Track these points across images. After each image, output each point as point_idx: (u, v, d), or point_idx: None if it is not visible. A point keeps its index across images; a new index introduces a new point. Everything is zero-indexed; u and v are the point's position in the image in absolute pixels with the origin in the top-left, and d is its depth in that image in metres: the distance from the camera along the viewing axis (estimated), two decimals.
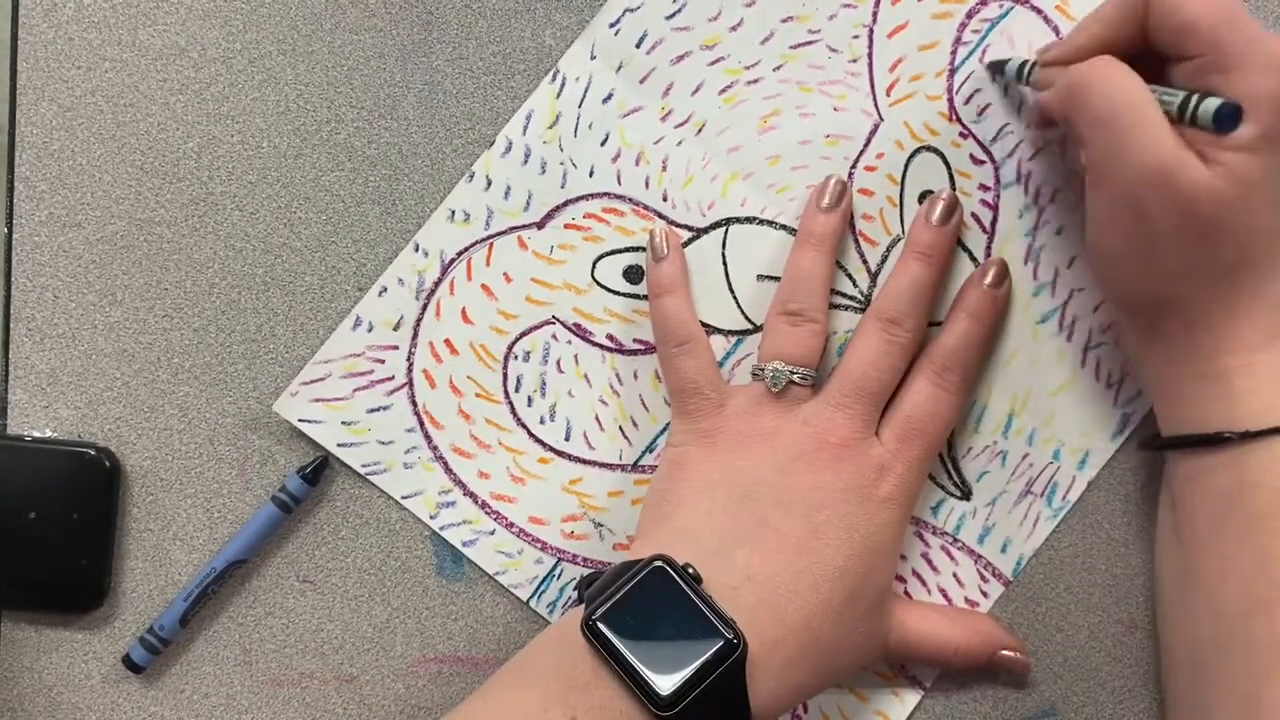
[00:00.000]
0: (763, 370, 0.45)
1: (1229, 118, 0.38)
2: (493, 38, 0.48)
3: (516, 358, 0.49)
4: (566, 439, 0.49)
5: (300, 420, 0.48)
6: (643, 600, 0.41)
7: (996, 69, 0.47)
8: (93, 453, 0.48)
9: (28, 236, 0.49)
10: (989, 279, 0.47)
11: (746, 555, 0.42)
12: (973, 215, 0.48)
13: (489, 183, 0.48)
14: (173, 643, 0.48)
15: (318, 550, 0.49)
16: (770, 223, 0.48)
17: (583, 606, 0.41)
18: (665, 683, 0.39)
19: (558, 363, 0.49)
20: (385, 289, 0.49)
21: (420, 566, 0.49)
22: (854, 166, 0.48)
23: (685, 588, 0.40)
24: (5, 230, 0.49)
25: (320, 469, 0.48)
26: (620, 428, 0.48)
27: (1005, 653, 0.47)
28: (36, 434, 0.49)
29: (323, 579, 0.49)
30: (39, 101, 0.49)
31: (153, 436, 0.49)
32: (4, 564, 0.48)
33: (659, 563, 0.41)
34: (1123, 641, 0.48)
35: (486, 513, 0.49)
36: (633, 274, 0.48)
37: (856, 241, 0.48)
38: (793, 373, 0.45)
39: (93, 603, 0.48)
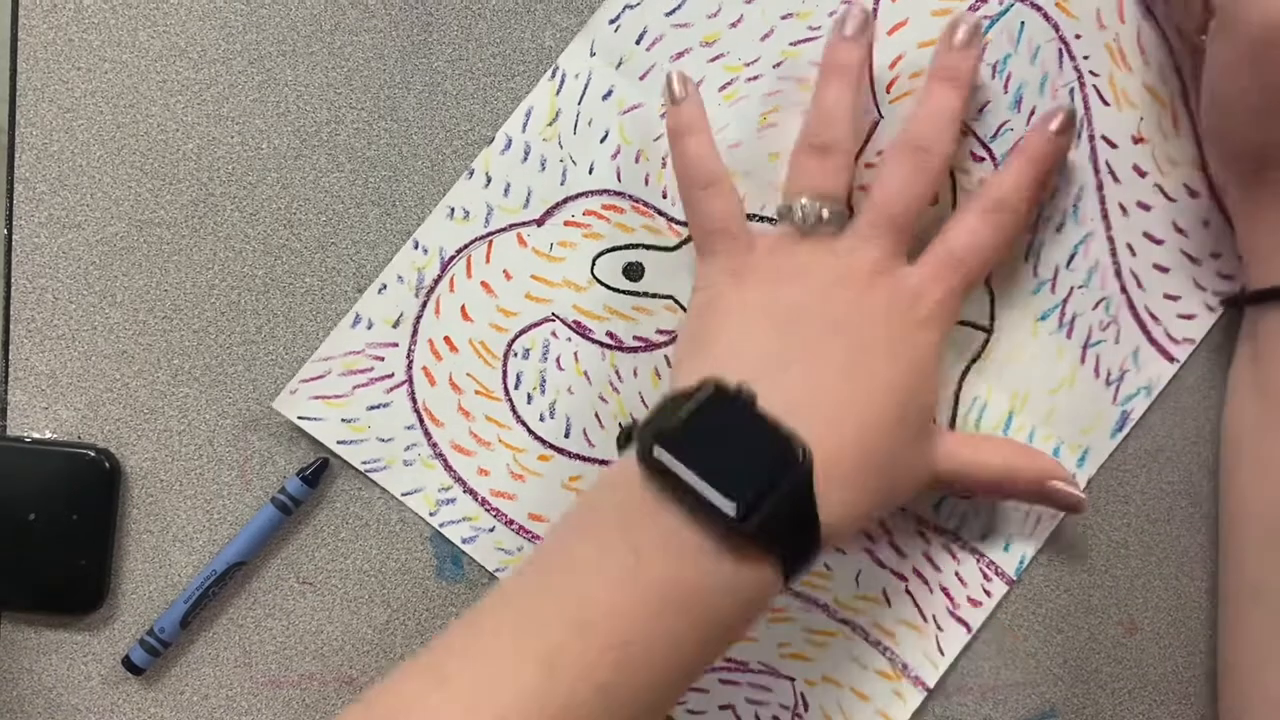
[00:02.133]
0: (789, 208, 0.44)
1: None
2: (492, 39, 0.48)
3: (516, 355, 0.49)
4: (566, 436, 0.49)
5: (300, 418, 0.48)
6: (699, 424, 0.38)
7: None
8: (93, 454, 0.48)
9: (28, 237, 0.49)
10: (1055, 125, 0.45)
11: (797, 374, 0.41)
12: None
13: (488, 180, 0.48)
14: (173, 644, 0.48)
15: (317, 552, 0.49)
16: (770, 220, 0.48)
17: (633, 448, 0.39)
18: (733, 499, 0.37)
19: (557, 360, 0.49)
20: (385, 286, 0.49)
21: (420, 568, 0.49)
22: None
23: (742, 406, 0.39)
24: (5, 231, 0.49)
25: (320, 471, 0.48)
26: (620, 425, 0.48)
27: (1057, 484, 0.45)
28: (36, 435, 0.49)
29: (322, 580, 0.49)
30: (39, 102, 0.49)
31: (153, 437, 0.49)
32: (4, 564, 0.48)
33: (712, 386, 0.39)
34: (1123, 642, 0.48)
35: (486, 510, 0.49)
36: (632, 271, 0.48)
37: None
38: (822, 207, 0.44)
39: (93, 604, 0.48)
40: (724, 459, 0.38)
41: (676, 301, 0.48)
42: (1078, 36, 0.47)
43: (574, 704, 0.35)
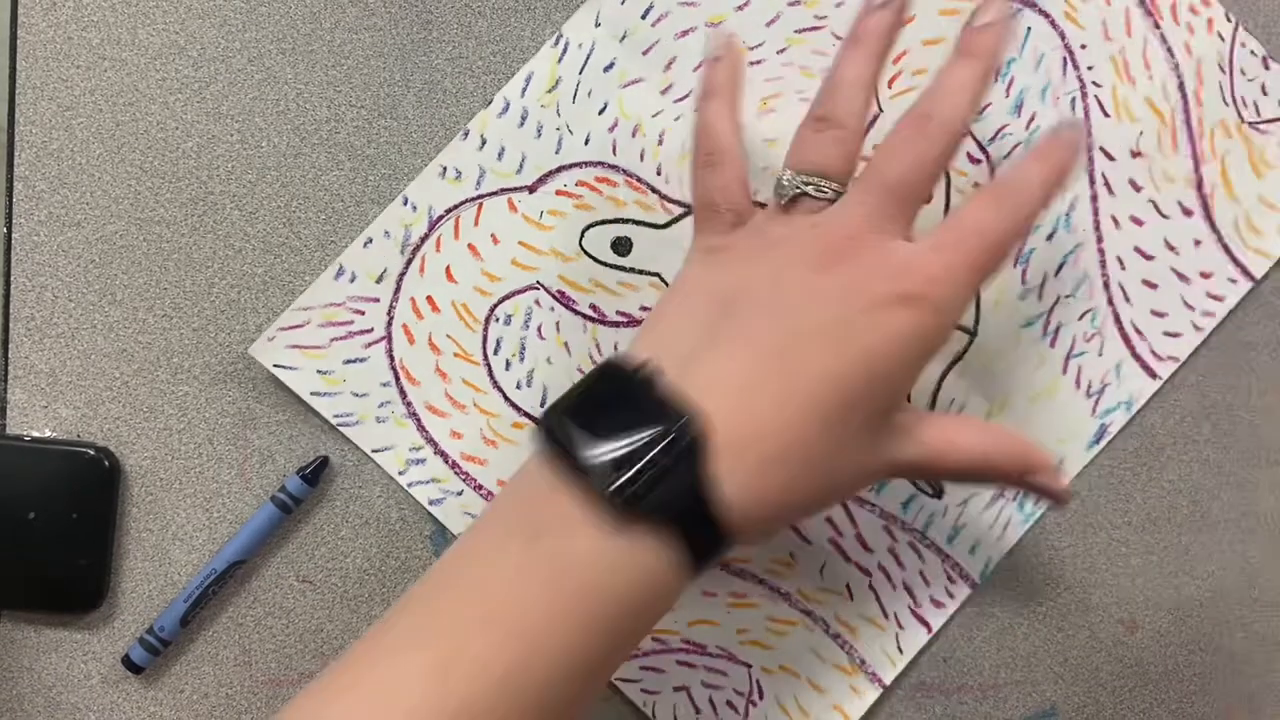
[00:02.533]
0: (777, 180, 0.41)
1: None
2: (492, 37, 0.48)
3: (498, 320, 0.48)
4: (542, 405, 0.48)
5: (275, 366, 0.48)
6: (594, 400, 0.38)
7: None
8: (92, 452, 0.48)
9: (27, 236, 0.49)
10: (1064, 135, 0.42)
11: (716, 358, 0.38)
12: None
13: (483, 142, 0.48)
14: (172, 643, 0.48)
15: (317, 550, 0.49)
16: (762, 205, 0.48)
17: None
18: (618, 473, 0.36)
19: (539, 329, 0.48)
20: (370, 240, 0.48)
21: (419, 567, 0.49)
22: None
23: (632, 382, 0.38)
24: (4, 230, 0.49)
25: (320, 469, 0.48)
26: None
27: (1037, 477, 0.41)
28: (36, 434, 0.49)
29: (322, 579, 0.49)
30: (38, 101, 0.48)
31: (152, 436, 0.49)
32: (4, 564, 0.48)
33: (606, 363, 0.39)
34: (1123, 641, 0.48)
35: (456, 473, 0.48)
36: (621, 245, 0.48)
37: None
38: (805, 182, 0.40)
39: (92, 603, 0.48)
40: (610, 434, 0.36)
41: (662, 279, 0.48)
42: (1083, 46, 0.47)
43: (474, 703, 0.35)
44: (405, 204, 0.48)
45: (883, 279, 0.38)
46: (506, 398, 0.48)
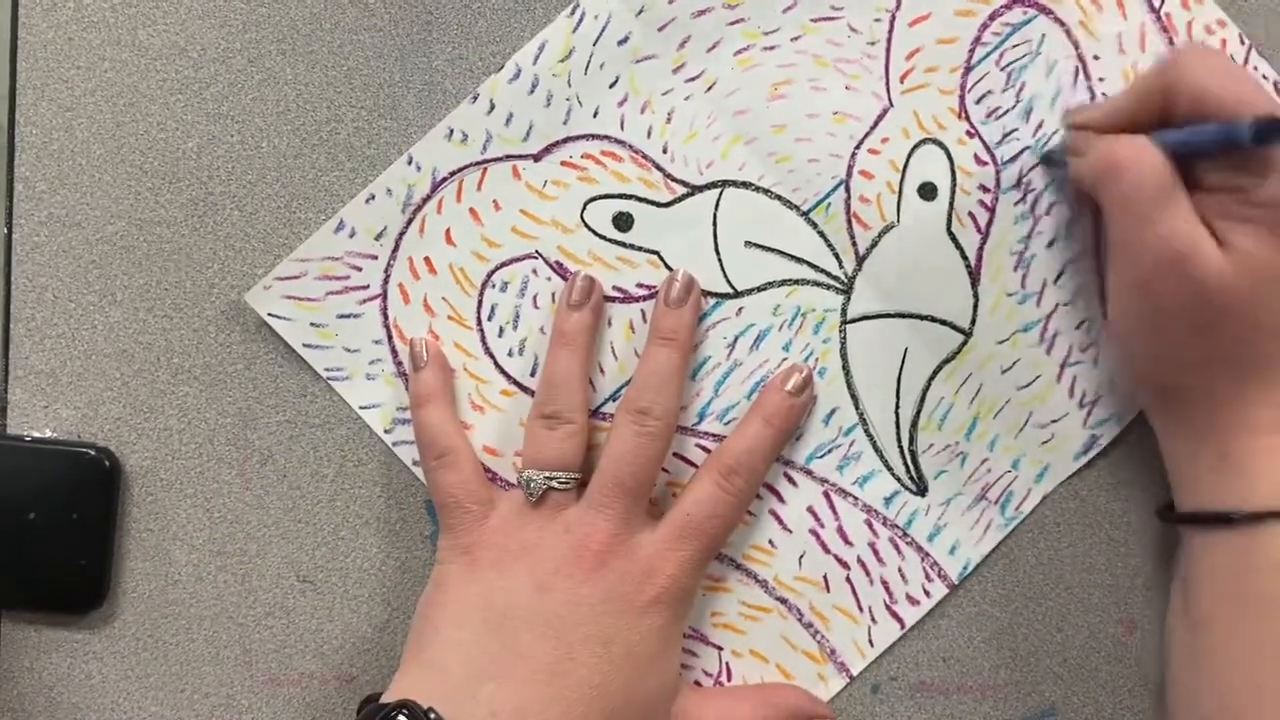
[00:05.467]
0: (520, 478, 0.45)
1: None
2: (492, 37, 0.48)
3: (494, 286, 0.48)
4: (532, 375, 0.48)
5: (269, 315, 0.48)
6: None
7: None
8: (92, 453, 0.48)
9: (28, 236, 0.49)
10: (790, 385, 0.47)
11: (493, 690, 0.41)
12: (969, 215, 0.48)
13: (492, 106, 0.48)
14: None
15: (317, 550, 0.49)
16: (765, 190, 0.48)
17: None
18: None
19: (534, 298, 0.48)
20: (373, 197, 0.48)
21: (420, 566, 0.49)
22: (858, 147, 0.48)
23: None
24: (5, 230, 0.49)
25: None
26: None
27: None
28: (36, 434, 0.49)
29: (322, 579, 0.49)
30: (39, 101, 0.49)
31: (153, 436, 0.49)
32: (4, 564, 0.48)
33: (402, 712, 0.40)
34: (1123, 642, 0.48)
35: None
36: (622, 221, 0.48)
37: (849, 223, 0.48)
38: (549, 479, 0.45)
39: (93, 603, 0.48)
40: None
41: (661, 258, 0.48)
42: (1096, 58, 0.48)
43: None
44: (410, 163, 0.48)
45: (633, 586, 0.43)
46: (497, 364, 0.48)
